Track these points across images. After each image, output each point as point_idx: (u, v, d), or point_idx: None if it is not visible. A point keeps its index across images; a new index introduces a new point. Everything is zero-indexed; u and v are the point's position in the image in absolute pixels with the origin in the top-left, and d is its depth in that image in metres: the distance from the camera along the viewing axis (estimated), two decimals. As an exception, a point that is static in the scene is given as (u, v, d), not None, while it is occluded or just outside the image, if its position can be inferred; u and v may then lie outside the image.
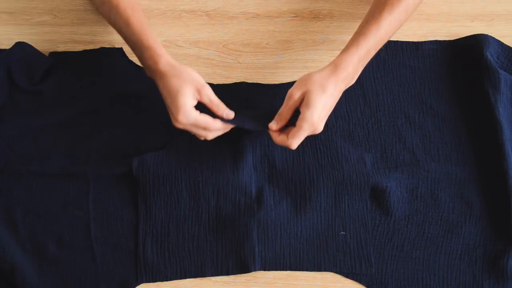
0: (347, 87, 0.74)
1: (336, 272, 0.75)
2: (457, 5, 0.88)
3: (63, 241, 0.75)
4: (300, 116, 0.71)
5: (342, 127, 0.81)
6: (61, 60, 0.84)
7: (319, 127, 0.71)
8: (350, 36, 0.85)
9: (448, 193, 0.78)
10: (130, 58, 0.85)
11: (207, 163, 0.77)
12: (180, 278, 0.74)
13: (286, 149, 0.79)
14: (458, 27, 0.87)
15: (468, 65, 0.83)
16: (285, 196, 0.77)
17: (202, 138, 0.75)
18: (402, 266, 0.75)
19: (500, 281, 0.73)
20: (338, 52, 0.85)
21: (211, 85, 0.82)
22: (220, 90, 0.78)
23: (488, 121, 0.79)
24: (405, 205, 0.77)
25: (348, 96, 0.82)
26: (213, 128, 0.73)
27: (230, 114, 0.74)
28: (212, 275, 0.74)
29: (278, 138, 0.73)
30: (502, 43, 0.85)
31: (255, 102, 0.82)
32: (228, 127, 0.75)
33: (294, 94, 0.71)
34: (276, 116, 0.73)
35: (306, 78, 0.71)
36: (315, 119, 0.70)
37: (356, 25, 0.81)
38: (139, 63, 0.84)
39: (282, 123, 0.73)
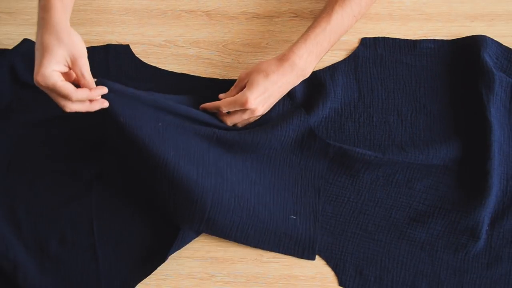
0: (299, 78, 0.77)
1: (279, 252, 0.76)
2: (457, 5, 0.88)
3: (65, 239, 0.75)
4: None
5: (334, 119, 0.81)
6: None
7: (254, 106, 0.74)
8: (350, 36, 0.86)
9: (425, 184, 0.78)
10: (136, 55, 0.85)
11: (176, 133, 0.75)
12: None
13: (252, 137, 0.77)
14: (458, 27, 0.87)
15: (464, 65, 0.83)
16: (241, 169, 0.77)
17: (66, 110, 0.69)
18: (363, 246, 0.76)
19: (457, 273, 0.75)
20: (337, 52, 0.86)
21: (216, 80, 0.84)
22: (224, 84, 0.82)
23: (479, 121, 0.79)
24: (377, 188, 0.78)
25: (343, 90, 0.83)
26: (74, 98, 0.67)
27: (98, 90, 0.69)
28: (165, 230, 0.75)
29: (211, 104, 0.77)
30: (501, 45, 0.84)
31: None
32: (94, 106, 0.70)
33: (242, 76, 0.77)
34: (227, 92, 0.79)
35: (256, 65, 0.76)
36: (250, 97, 0.74)
37: (355, 25, 0.81)
38: (145, 60, 0.85)
39: (227, 95, 0.78)
